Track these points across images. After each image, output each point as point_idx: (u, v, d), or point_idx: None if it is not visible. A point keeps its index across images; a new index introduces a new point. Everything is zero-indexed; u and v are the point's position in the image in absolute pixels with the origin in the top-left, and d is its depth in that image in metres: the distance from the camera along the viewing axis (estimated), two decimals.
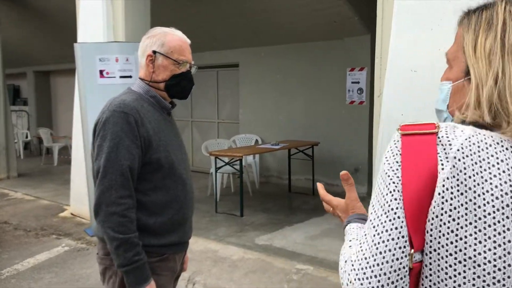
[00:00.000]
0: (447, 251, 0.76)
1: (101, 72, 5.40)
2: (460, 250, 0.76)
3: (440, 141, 0.79)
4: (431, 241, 0.77)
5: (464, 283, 0.76)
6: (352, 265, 0.81)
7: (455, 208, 0.76)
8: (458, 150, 0.77)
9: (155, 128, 1.79)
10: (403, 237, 0.77)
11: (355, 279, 0.79)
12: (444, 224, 0.76)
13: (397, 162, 0.80)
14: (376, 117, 3.81)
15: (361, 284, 0.78)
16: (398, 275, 0.76)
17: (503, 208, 0.75)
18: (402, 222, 0.77)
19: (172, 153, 1.83)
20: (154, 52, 1.85)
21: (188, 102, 9.22)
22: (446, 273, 0.76)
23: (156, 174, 1.78)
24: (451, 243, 0.76)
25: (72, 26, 6.41)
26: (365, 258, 0.79)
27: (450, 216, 0.76)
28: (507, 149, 0.79)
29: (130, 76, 5.50)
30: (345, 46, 7.57)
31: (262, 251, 4.82)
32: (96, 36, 5.81)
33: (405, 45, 3.51)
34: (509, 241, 0.74)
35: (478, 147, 0.78)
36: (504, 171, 0.77)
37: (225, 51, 8.75)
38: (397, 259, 0.76)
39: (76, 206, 6.34)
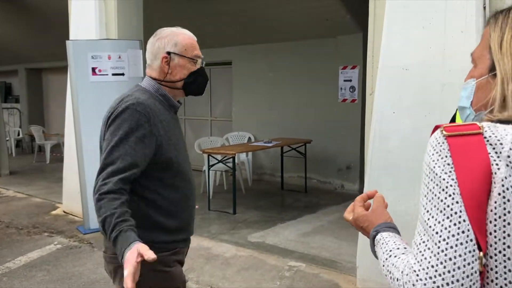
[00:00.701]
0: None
1: (93, 69, 5.39)
2: None
3: (488, 141, 0.78)
4: (495, 243, 0.75)
5: None
6: (417, 275, 0.76)
7: None
8: (510, 149, 0.77)
9: (166, 127, 1.81)
10: (471, 240, 0.74)
11: None
12: (509, 224, 0.75)
13: (448, 164, 0.79)
14: (368, 115, 3.84)
15: None
16: (470, 280, 0.74)
17: None
18: (468, 225, 0.75)
19: (179, 151, 1.87)
20: (169, 53, 1.86)
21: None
22: None
23: (168, 173, 1.81)
24: None
25: (64, 23, 6.39)
26: (432, 266, 0.75)
27: None
28: None
29: (123, 74, 5.50)
30: (338, 44, 7.60)
31: (254, 248, 4.83)
32: (89, 33, 5.79)
33: (397, 43, 3.54)
34: None
35: None
36: None
37: (218, 49, 8.74)
38: (468, 263, 0.74)
39: (68, 204, 6.32)
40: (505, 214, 0.74)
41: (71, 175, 6.11)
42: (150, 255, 1.45)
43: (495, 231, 0.75)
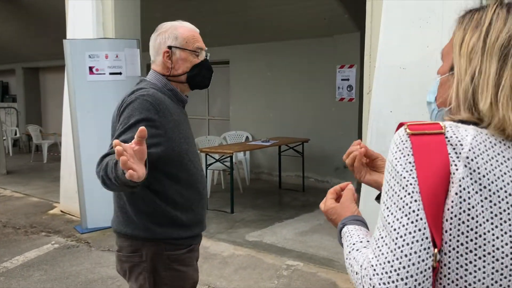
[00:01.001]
0: (467, 248, 0.78)
1: (90, 68, 5.38)
2: (480, 247, 0.77)
3: (449, 141, 0.80)
4: (450, 240, 0.78)
5: (484, 278, 0.78)
6: (374, 269, 0.79)
7: (473, 207, 0.77)
8: (469, 150, 0.79)
9: (176, 121, 1.79)
10: (427, 238, 0.77)
11: (379, 284, 0.78)
12: (463, 222, 0.77)
13: (410, 162, 0.81)
14: (365, 114, 3.84)
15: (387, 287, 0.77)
16: (424, 276, 0.76)
17: None
18: (425, 223, 0.77)
19: (190, 146, 1.87)
20: (170, 47, 1.84)
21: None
22: (466, 270, 0.78)
23: (180, 167, 1.80)
24: (471, 240, 0.78)
25: (62, 22, 6.38)
26: (389, 262, 0.78)
27: (469, 214, 0.77)
28: (508, 147, 0.82)
29: (120, 73, 5.49)
30: (335, 44, 7.60)
31: (252, 247, 4.84)
32: (86, 33, 5.78)
33: (394, 42, 3.54)
34: None
35: (485, 146, 0.81)
36: (510, 169, 0.80)
37: (215, 48, 8.73)
38: (423, 260, 0.76)
39: (66, 204, 6.31)
40: (460, 213, 0.77)
41: (68, 174, 6.10)
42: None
43: (450, 229, 0.78)
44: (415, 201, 0.78)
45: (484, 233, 0.77)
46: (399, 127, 0.86)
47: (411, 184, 0.79)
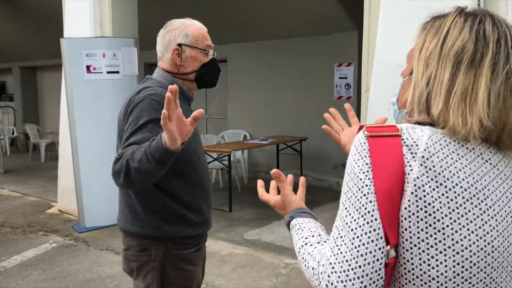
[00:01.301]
0: (428, 243, 0.81)
1: (87, 67, 5.37)
2: (440, 241, 0.81)
3: (404, 142, 0.83)
4: (410, 237, 0.81)
5: (446, 271, 0.81)
6: (333, 267, 0.83)
7: (429, 204, 0.81)
8: (425, 149, 0.82)
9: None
10: (381, 238, 0.81)
11: (337, 281, 0.82)
12: (421, 220, 0.81)
13: (366, 164, 0.84)
14: (363, 112, 3.84)
15: (345, 286, 0.81)
16: (378, 274, 0.81)
17: (471, 198, 0.82)
18: (379, 223, 0.81)
19: (198, 143, 1.88)
20: (180, 45, 1.83)
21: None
22: (429, 265, 0.81)
23: (188, 166, 1.80)
24: (431, 236, 0.81)
25: (59, 21, 6.35)
26: (346, 261, 0.82)
27: (426, 212, 0.81)
28: (462, 145, 0.86)
29: (118, 72, 5.48)
30: (333, 42, 7.60)
31: (250, 246, 4.84)
32: (83, 31, 5.76)
33: (391, 41, 3.54)
34: (479, 227, 0.82)
35: (440, 145, 0.84)
36: (466, 166, 0.84)
37: (213, 46, 8.73)
38: (378, 260, 0.80)
39: (63, 203, 6.30)
40: (418, 211, 0.81)
41: (66, 173, 6.09)
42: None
43: (409, 226, 0.81)
44: (370, 202, 0.82)
45: (443, 228, 0.80)
46: (360, 129, 0.89)
47: (367, 185, 0.82)
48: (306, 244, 0.95)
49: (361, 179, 0.83)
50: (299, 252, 0.96)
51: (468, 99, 0.84)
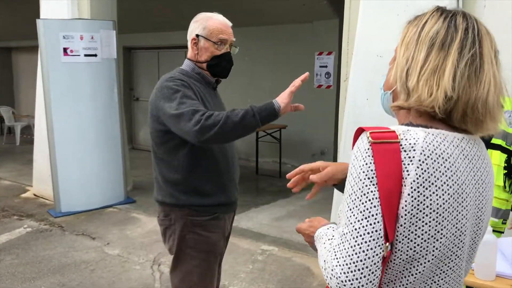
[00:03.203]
0: (416, 234, 0.95)
1: (65, 50, 5.26)
2: (426, 232, 0.95)
3: (403, 148, 0.95)
4: (404, 231, 0.94)
5: (426, 255, 0.96)
6: (337, 261, 0.95)
7: (422, 202, 0.93)
8: (421, 153, 0.94)
9: (204, 99, 2.00)
10: (381, 237, 0.93)
11: (340, 273, 0.94)
12: (414, 216, 0.94)
13: (372, 170, 0.94)
14: (342, 101, 3.86)
15: (347, 277, 0.93)
16: (376, 266, 0.93)
17: (454, 193, 0.96)
18: (381, 225, 0.93)
19: None
20: (197, 35, 2.06)
21: (155, 81, 9.10)
22: (415, 251, 0.96)
23: None
24: (419, 228, 0.94)
25: (35, 0, 6.20)
26: (349, 256, 0.94)
27: (418, 209, 0.93)
28: (451, 143, 0.98)
29: (95, 55, 5.39)
30: (314, 30, 7.59)
31: None
32: (60, 13, 5.64)
33: (371, 30, 3.56)
34: (455, 218, 0.96)
35: (433, 146, 0.95)
36: (453, 164, 0.96)
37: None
38: (377, 254, 0.93)
39: (39, 187, 6.21)
40: (412, 210, 0.93)
41: (41, 157, 6.00)
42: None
43: (404, 223, 0.94)
44: (374, 206, 0.93)
45: (430, 221, 0.94)
46: (359, 132, 1.00)
47: (372, 191, 0.94)
48: (322, 249, 1.06)
49: (366, 185, 0.94)
50: (320, 256, 1.06)
51: (437, 74, 0.97)
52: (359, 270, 0.93)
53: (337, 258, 0.96)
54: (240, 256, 4.23)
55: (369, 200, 0.94)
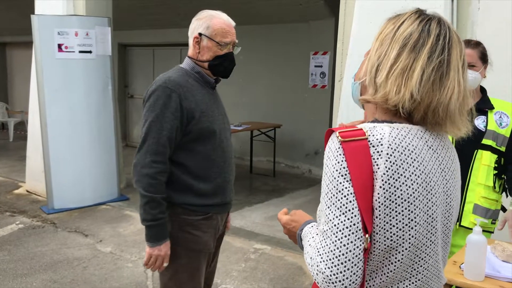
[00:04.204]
0: (391, 224, 1.00)
1: (59, 46, 5.25)
2: (400, 221, 1.00)
3: (371, 143, 1.00)
4: (380, 222, 1.00)
5: (403, 242, 1.02)
6: (321, 257, 1.00)
7: (393, 193, 0.99)
8: (388, 147, 1.00)
9: (198, 101, 2.00)
10: (360, 230, 0.98)
11: (325, 268, 0.99)
12: (387, 207, 0.99)
13: (344, 167, 0.99)
14: (336, 101, 3.87)
15: (331, 270, 0.98)
16: (358, 258, 0.98)
17: (423, 182, 1.02)
18: (358, 218, 0.98)
19: (214, 123, 2.05)
20: (200, 34, 2.03)
21: (150, 78, 9.06)
22: (391, 240, 1.01)
23: (198, 142, 2.00)
24: (393, 218, 1.00)
25: None
26: (331, 251, 0.99)
27: (390, 200, 0.99)
28: (415, 135, 1.04)
29: (90, 52, 5.37)
30: (310, 30, 7.60)
31: None
32: (55, 8, 5.62)
33: (366, 30, 3.56)
34: (426, 205, 1.03)
35: (399, 139, 1.01)
36: (418, 155, 1.03)
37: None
38: (357, 247, 0.98)
39: (32, 183, 6.19)
40: (385, 201, 0.99)
41: (35, 153, 5.98)
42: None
43: (379, 214, 0.99)
44: (350, 202, 0.98)
45: (403, 211, 1.00)
46: (329, 133, 1.06)
47: (346, 188, 0.99)
48: (307, 246, 1.11)
49: (340, 182, 0.99)
50: (305, 253, 1.10)
51: (406, 74, 1.02)
52: (342, 264, 0.97)
53: (320, 255, 1.00)
54: (232, 254, 4.23)
55: (345, 196, 0.98)
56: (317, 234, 1.10)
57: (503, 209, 2.41)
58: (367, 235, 0.98)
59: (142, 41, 9.72)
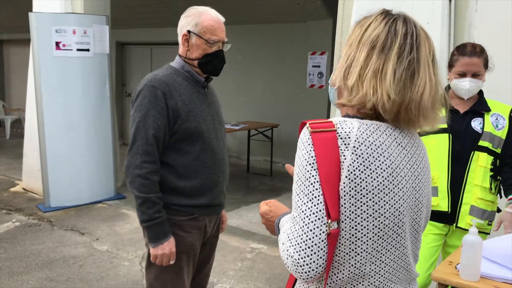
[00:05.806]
0: (356, 214, 1.05)
1: (57, 44, 5.24)
2: (364, 212, 1.04)
3: (339, 135, 1.04)
4: (345, 210, 1.04)
5: (367, 232, 1.06)
6: (290, 241, 1.05)
7: (359, 184, 1.03)
8: (355, 140, 1.04)
9: (186, 100, 1.97)
10: (324, 216, 1.03)
11: (293, 252, 1.04)
12: (352, 196, 1.03)
13: (312, 157, 1.04)
14: None
15: (299, 254, 1.04)
16: (323, 241, 1.03)
17: (389, 176, 1.06)
18: (323, 204, 1.03)
19: (202, 123, 2.01)
20: (189, 31, 1.99)
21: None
22: (356, 229, 1.05)
23: (185, 142, 1.98)
24: (358, 208, 1.04)
25: None
26: (299, 236, 1.04)
27: (356, 190, 1.03)
28: (383, 132, 1.08)
29: (88, 50, 5.36)
30: (308, 30, 7.61)
31: None
32: (53, 6, 5.61)
33: None
34: (392, 198, 1.06)
35: (366, 134, 1.05)
36: (385, 150, 1.06)
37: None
38: (323, 232, 1.03)
39: (28, 181, 6.18)
40: (350, 191, 1.03)
41: (31, 151, 5.97)
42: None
43: (345, 203, 1.03)
44: (316, 189, 1.03)
45: (367, 201, 1.04)
46: (302, 125, 1.10)
47: (313, 176, 1.04)
48: (281, 234, 1.15)
49: (308, 171, 1.04)
50: (279, 240, 1.14)
51: (379, 76, 1.05)
52: (309, 247, 1.03)
53: (290, 240, 1.06)
54: (229, 254, 4.23)
55: (311, 184, 1.04)
56: (288, 222, 1.14)
57: (499, 211, 2.42)
58: (329, 220, 1.02)
59: (140, 40, 9.70)
